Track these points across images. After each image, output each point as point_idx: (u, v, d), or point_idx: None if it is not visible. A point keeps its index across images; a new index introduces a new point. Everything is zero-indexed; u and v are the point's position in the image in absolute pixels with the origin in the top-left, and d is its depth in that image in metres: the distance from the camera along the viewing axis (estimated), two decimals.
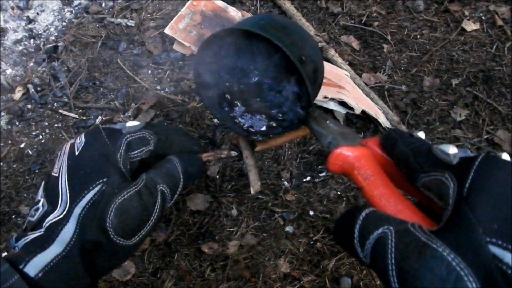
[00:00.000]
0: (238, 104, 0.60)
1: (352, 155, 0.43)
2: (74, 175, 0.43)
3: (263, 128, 0.61)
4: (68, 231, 0.40)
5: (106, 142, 0.46)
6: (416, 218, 0.35)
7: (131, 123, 0.50)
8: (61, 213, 0.41)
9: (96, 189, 0.42)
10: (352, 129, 0.54)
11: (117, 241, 0.41)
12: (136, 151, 0.48)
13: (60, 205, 0.42)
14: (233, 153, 0.61)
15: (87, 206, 0.41)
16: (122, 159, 0.45)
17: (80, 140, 0.47)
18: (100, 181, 0.42)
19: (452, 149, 0.35)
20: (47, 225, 0.41)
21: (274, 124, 0.60)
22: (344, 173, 0.44)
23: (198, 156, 0.55)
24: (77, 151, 0.46)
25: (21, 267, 0.37)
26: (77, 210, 0.41)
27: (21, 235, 0.41)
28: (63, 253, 0.39)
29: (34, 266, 0.37)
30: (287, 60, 0.52)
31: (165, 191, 0.47)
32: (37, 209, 0.43)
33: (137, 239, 0.43)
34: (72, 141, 0.48)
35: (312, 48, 0.58)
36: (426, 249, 0.30)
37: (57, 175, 0.44)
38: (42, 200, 0.44)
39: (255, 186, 0.60)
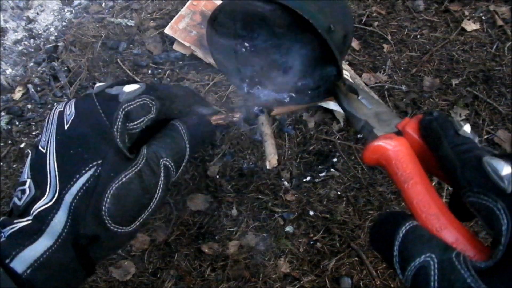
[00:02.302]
0: (257, 79, 0.55)
1: (391, 149, 0.39)
2: (63, 154, 0.38)
3: (287, 99, 0.56)
4: (59, 222, 0.35)
5: (100, 114, 0.39)
6: (459, 237, 0.34)
7: (130, 87, 0.42)
8: (50, 200, 0.36)
9: (90, 173, 0.37)
10: (386, 106, 0.50)
11: (115, 229, 0.37)
12: (135, 122, 0.41)
13: (49, 190, 0.37)
14: None
15: (79, 194, 0.36)
16: (119, 133, 0.39)
17: (70, 110, 0.40)
18: (94, 163, 0.37)
19: (506, 169, 0.32)
20: (35, 213, 0.36)
21: (298, 94, 0.54)
22: (379, 166, 0.41)
23: (207, 119, 0.48)
24: (67, 124, 0.39)
25: (7, 261, 0.33)
26: (68, 198, 0.36)
27: (8, 221, 0.37)
28: (54, 247, 0.35)
29: (22, 262, 0.34)
30: (313, 28, 0.45)
31: (169, 166, 0.41)
32: (24, 191, 0.38)
33: (138, 224, 0.39)
34: (60, 107, 0.42)
35: (340, 9, 0.50)
36: None
37: (44, 151, 0.39)
38: (28, 181, 0.38)
39: (272, 160, 0.53)
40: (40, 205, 0.37)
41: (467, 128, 0.38)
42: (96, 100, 0.41)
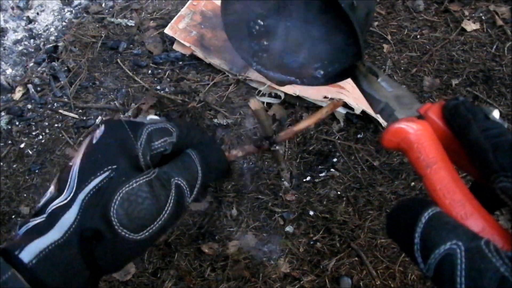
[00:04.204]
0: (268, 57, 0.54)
1: (413, 133, 0.37)
2: (85, 162, 0.41)
3: (298, 81, 0.55)
4: (69, 217, 0.37)
5: (126, 129, 0.42)
6: (486, 226, 0.32)
7: (152, 116, 0.47)
8: (66, 198, 0.39)
9: (104, 175, 0.39)
10: (407, 89, 0.49)
11: (122, 233, 0.38)
12: (158, 141, 0.43)
13: (67, 190, 0.39)
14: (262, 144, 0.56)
15: (91, 192, 0.38)
16: (142, 148, 0.42)
17: (100, 130, 0.44)
18: (109, 167, 0.40)
19: None
20: (50, 210, 0.38)
21: (316, 75, 0.54)
22: (399, 150, 0.39)
23: (219, 147, 0.50)
24: (95, 139, 0.43)
25: (16, 253, 0.35)
26: (81, 196, 0.38)
27: (24, 221, 0.39)
28: (60, 240, 0.36)
29: (29, 252, 0.35)
30: (333, 5, 0.44)
31: (182, 185, 0.42)
32: (45, 195, 0.41)
33: (146, 234, 0.39)
34: (93, 133, 0.46)
35: None
36: (506, 285, 0.26)
37: (71, 164, 0.42)
38: (51, 187, 0.42)
39: (253, 102, 0.53)
40: (56, 203, 0.39)
41: (496, 114, 0.36)
42: (124, 121, 0.44)
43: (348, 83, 1.07)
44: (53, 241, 0.36)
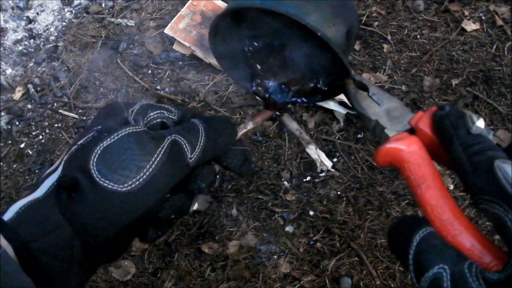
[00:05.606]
0: (267, 79, 0.55)
1: (403, 152, 0.38)
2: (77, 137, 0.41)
3: (303, 99, 0.57)
4: (52, 178, 0.37)
5: (118, 103, 0.41)
6: (475, 243, 0.33)
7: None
8: (56, 166, 0.38)
9: (88, 136, 0.38)
10: (398, 100, 0.49)
11: (104, 184, 0.35)
12: (154, 112, 0.41)
13: (59, 160, 0.39)
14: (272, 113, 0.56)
15: (74, 150, 0.37)
16: (133, 115, 0.40)
17: None
18: (94, 129, 0.38)
19: None
20: (40, 178, 0.38)
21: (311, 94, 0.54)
22: (393, 167, 0.40)
23: (225, 117, 0.48)
24: None
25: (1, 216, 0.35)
26: (66, 157, 0.37)
27: None
28: (41, 197, 0.36)
29: (11, 211, 0.35)
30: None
31: (179, 141, 0.39)
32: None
33: (132, 185, 0.36)
34: None
35: (340, 3, 0.49)
36: None
37: None
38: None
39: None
40: (46, 172, 0.38)
41: (480, 123, 0.35)
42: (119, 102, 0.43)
43: None
44: (34, 198, 0.36)
